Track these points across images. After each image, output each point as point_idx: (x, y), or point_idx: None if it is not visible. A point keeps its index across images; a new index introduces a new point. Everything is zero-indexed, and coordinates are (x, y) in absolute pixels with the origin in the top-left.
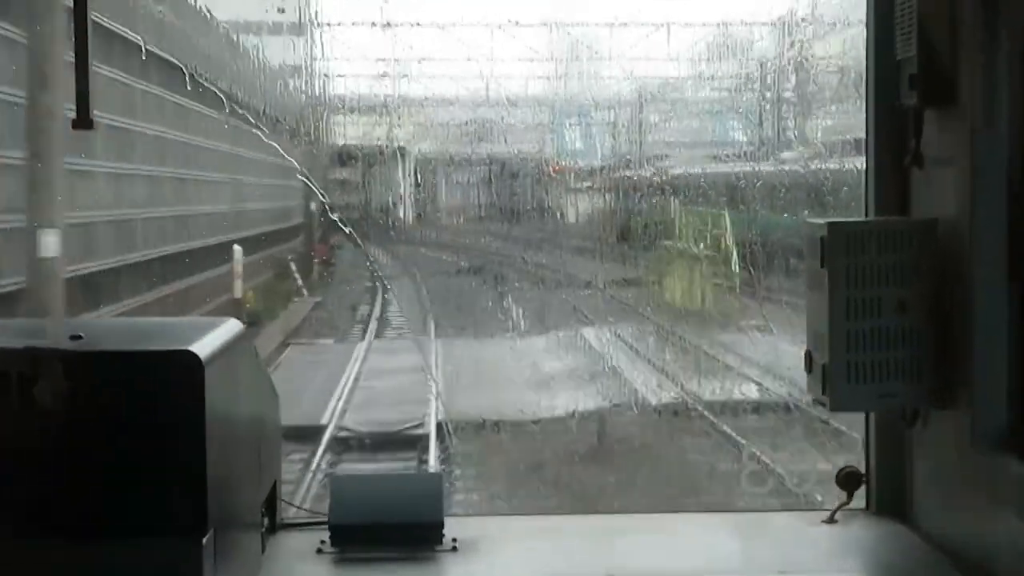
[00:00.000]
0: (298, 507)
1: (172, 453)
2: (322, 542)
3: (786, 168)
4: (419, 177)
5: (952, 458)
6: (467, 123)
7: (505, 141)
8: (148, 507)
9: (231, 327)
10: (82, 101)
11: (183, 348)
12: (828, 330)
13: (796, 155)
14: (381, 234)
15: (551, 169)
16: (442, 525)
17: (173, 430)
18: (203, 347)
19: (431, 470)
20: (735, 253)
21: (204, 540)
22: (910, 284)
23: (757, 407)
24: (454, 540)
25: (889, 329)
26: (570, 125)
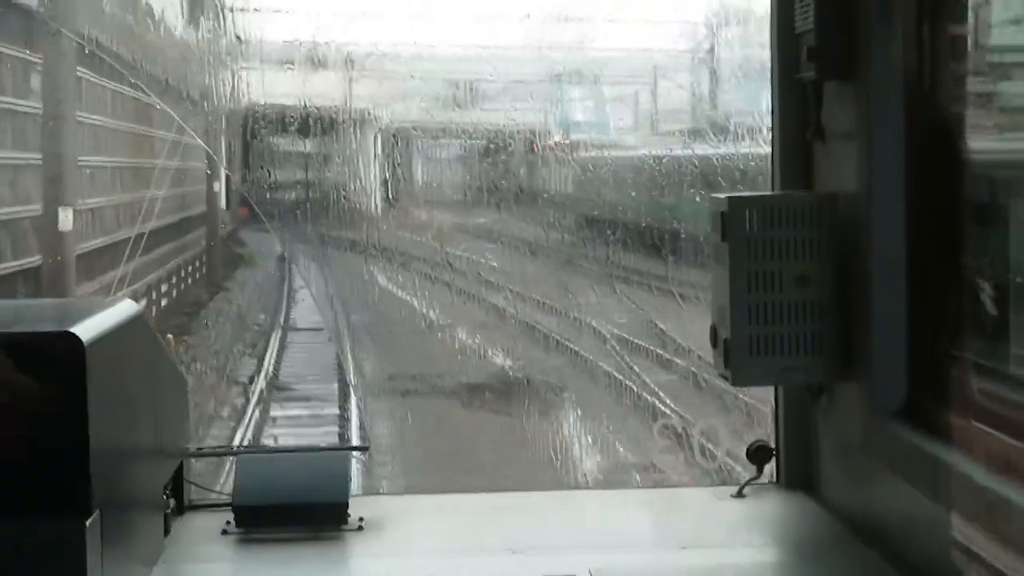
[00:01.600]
0: (206, 488)
1: (53, 435)
2: (227, 523)
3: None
4: (389, 153)
5: (855, 430)
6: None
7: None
8: (32, 487)
9: (124, 308)
10: None
11: (64, 330)
12: (730, 304)
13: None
14: (319, 237)
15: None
16: (347, 505)
17: (54, 412)
18: (87, 329)
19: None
20: None
21: (89, 521)
22: (811, 258)
23: None
24: (360, 519)
25: (790, 303)
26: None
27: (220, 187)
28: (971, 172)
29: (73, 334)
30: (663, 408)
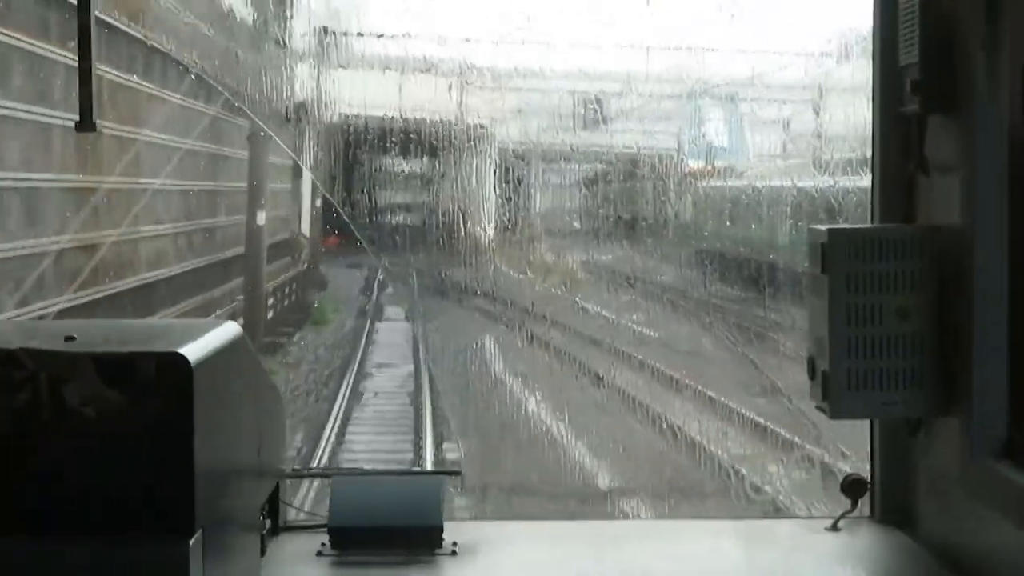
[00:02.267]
0: (298, 509)
1: (159, 455)
2: (322, 544)
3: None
4: (506, 175)
5: (954, 467)
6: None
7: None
8: (136, 507)
9: (228, 330)
10: (86, 104)
11: (172, 351)
12: (829, 336)
13: None
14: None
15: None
16: (442, 529)
17: (161, 432)
18: (194, 350)
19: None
20: None
21: (192, 541)
22: (912, 292)
23: None
24: (454, 544)
25: (890, 337)
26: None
27: (306, 210)
28: None
29: (181, 355)
30: None
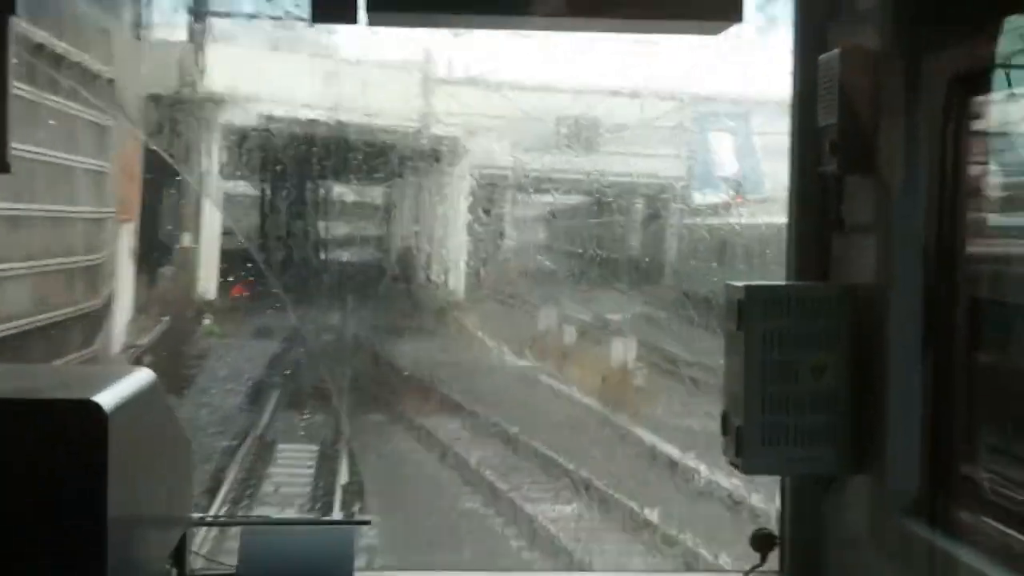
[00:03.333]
0: (206, 558)
1: (71, 504)
2: None
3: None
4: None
5: (865, 523)
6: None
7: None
8: (47, 558)
9: (141, 376)
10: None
11: (86, 398)
12: (744, 393)
13: None
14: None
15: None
16: None
17: (73, 481)
18: (108, 397)
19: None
20: None
21: None
22: (827, 349)
23: None
24: None
25: (805, 394)
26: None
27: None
28: (989, 268)
29: (95, 403)
30: None
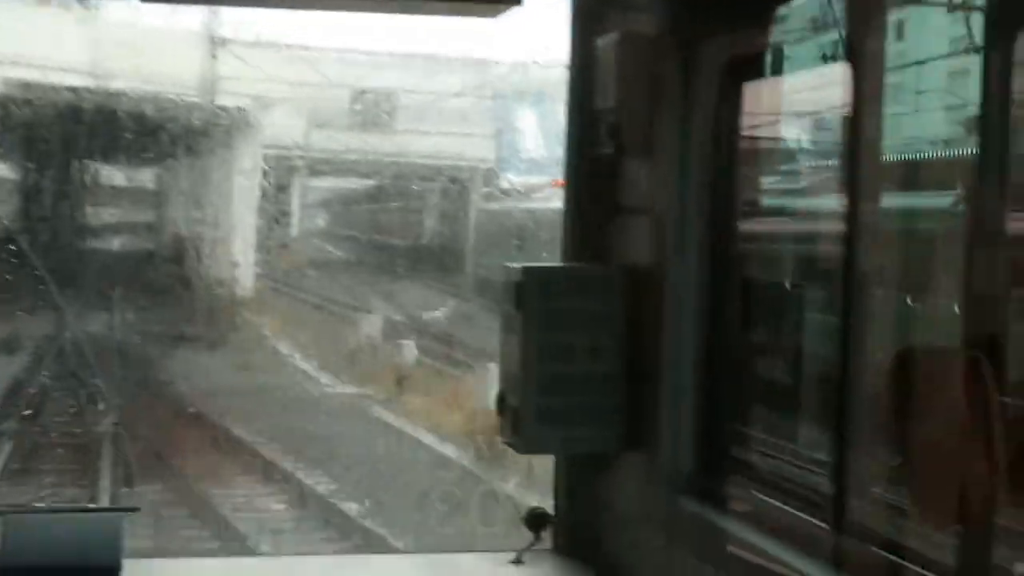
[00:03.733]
0: None
1: None
2: None
3: None
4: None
5: (638, 501)
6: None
7: None
8: None
9: None
10: None
11: None
12: (521, 373)
13: None
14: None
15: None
16: (119, 568)
17: None
18: None
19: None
20: None
21: None
22: (603, 330)
23: None
24: None
25: (581, 374)
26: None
27: None
28: (761, 249)
29: None
30: None
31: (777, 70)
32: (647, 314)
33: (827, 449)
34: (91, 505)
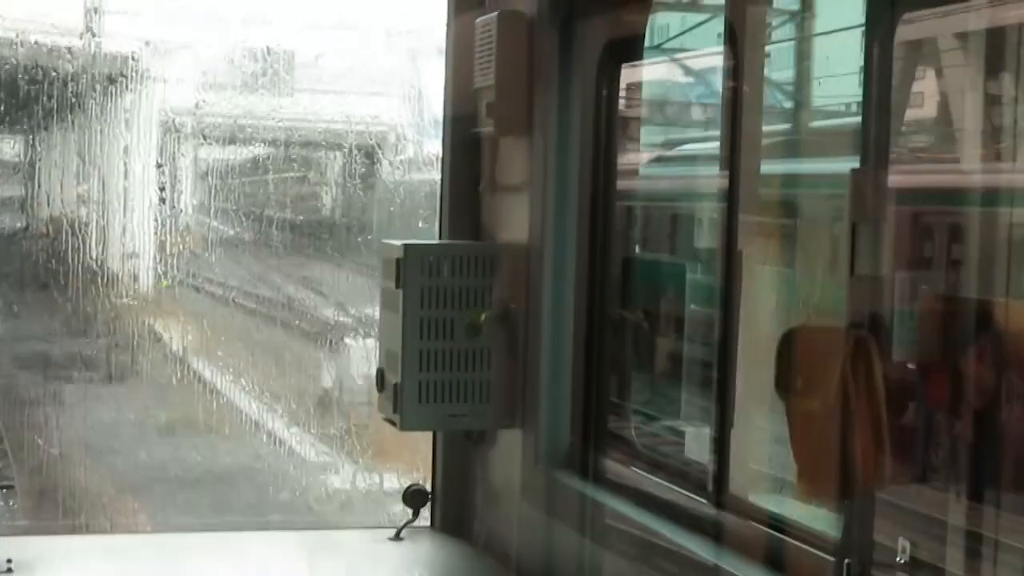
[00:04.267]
0: None
1: None
2: None
3: None
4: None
5: (516, 476)
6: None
7: None
8: None
9: None
10: None
11: None
12: (401, 350)
13: None
14: None
15: None
16: None
17: None
18: None
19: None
20: None
21: None
22: (482, 307)
23: None
24: (9, 561)
25: (461, 351)
26: None
27: None
28: (640, 226)
29: None
30: None
31: (656, 50)
32: (526, 291)
33: (709, 424)
34: None
